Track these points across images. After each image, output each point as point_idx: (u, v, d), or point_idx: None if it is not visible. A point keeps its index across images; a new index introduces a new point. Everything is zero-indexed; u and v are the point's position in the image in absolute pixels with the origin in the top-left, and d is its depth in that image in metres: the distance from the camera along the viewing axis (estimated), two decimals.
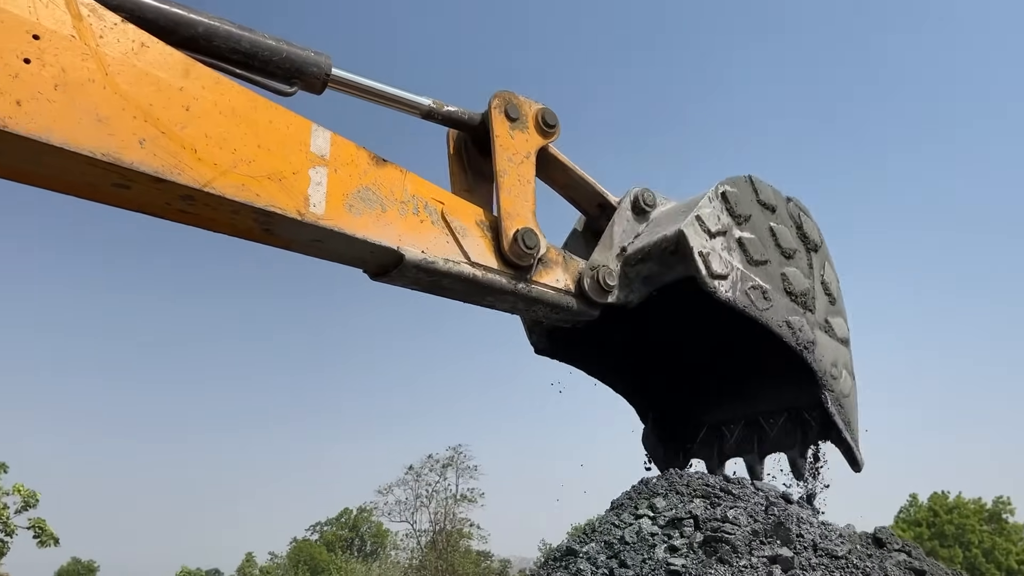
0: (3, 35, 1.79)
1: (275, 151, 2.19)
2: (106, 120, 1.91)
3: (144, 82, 1.98)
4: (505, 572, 69.32)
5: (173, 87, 2.04)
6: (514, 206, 2.57)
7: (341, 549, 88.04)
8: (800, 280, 2.86)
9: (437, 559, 56.03)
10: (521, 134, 2.63)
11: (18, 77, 1.79)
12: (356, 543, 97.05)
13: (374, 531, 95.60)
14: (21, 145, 1.82)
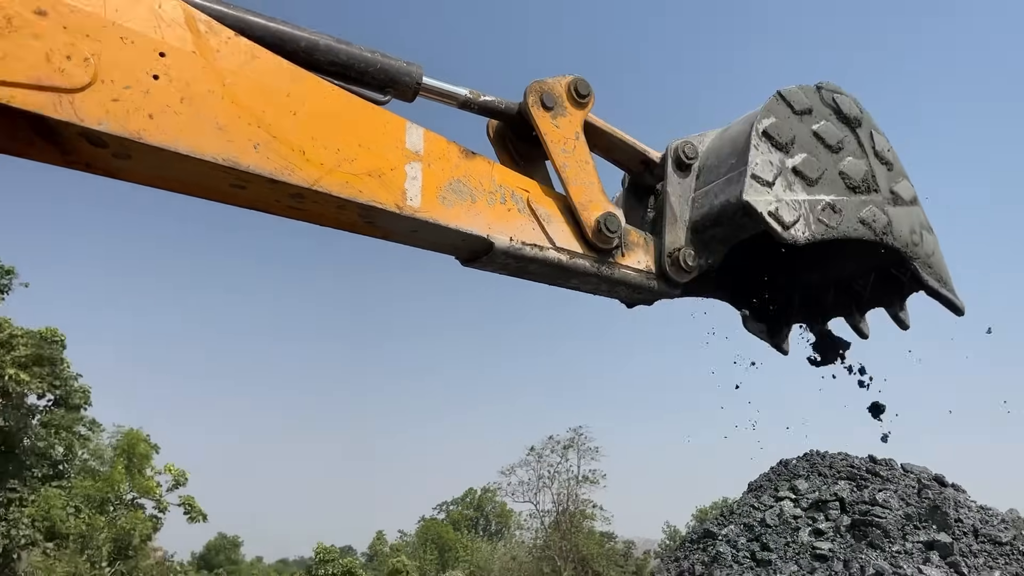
0: (136, 56, 2.04)
1: (374, 149, 2.39)
2: (225, 128, 2.14)
3: (256, 91, 2.22)
4: (629, 553, 69.06)
5: (281, 94, 2.27)
6: (585, 194, 2.68)
7: (467, 528, 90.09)
8: (857, 167, 2.83)
9: (561, 539, 56.41)
10: (564, 119, 2.71)
11: (149, 93, 2.01)
12: (481, 522, 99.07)
13: (498, 511, 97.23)
14: (153, 154, 2.05)
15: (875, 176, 2.90)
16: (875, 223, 2.81)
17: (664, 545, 66.89)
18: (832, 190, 2.75)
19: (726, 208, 2.64)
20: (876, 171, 2.91)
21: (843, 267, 3.23)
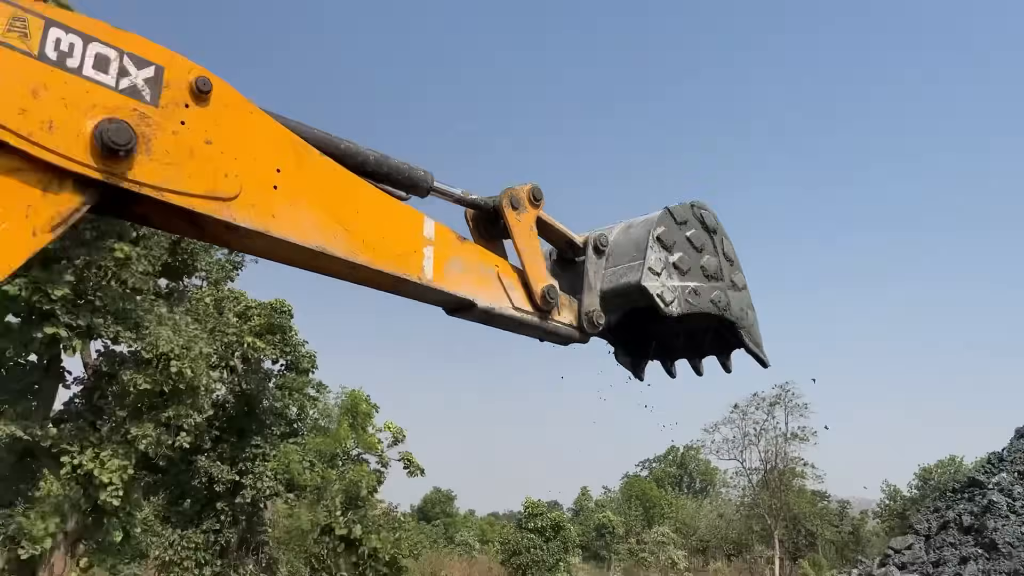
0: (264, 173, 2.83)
1: (405, 237, 3.30)
2: (317, 225, 3.01)
3: (335, 195, 3.09)
4: (844, 513, 65.84)
5: (349, 197, 3.13)
6: (535, 270, 3.71)
7: (670, 485, 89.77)
8: (712, 263, 4.03)
9: (770, 498, 54.76)
10: (524, 215, 3.74)
11: (272, 199, 2.84)
12: (685, 480, 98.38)
13: (702, 469, 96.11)
14: (271, 240, 2.86)
15: (722, 270, 4.13)
16: (720, 302, 4.03)
17: (883, 505, 63.00)
18: (695, 279, 3.95)
19: (629, 287, 3.75)
20: (723, 266, 4.12)
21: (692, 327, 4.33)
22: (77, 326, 18.02)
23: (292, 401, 26.08)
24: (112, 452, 18.64)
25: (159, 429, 19.25)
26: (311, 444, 25.91)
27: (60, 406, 20.47)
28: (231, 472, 24.00)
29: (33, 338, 17.89)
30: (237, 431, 25.05)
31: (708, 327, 4.30)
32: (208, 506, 24.43)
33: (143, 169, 2.64)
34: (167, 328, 19.23)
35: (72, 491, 18.75)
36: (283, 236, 3.00)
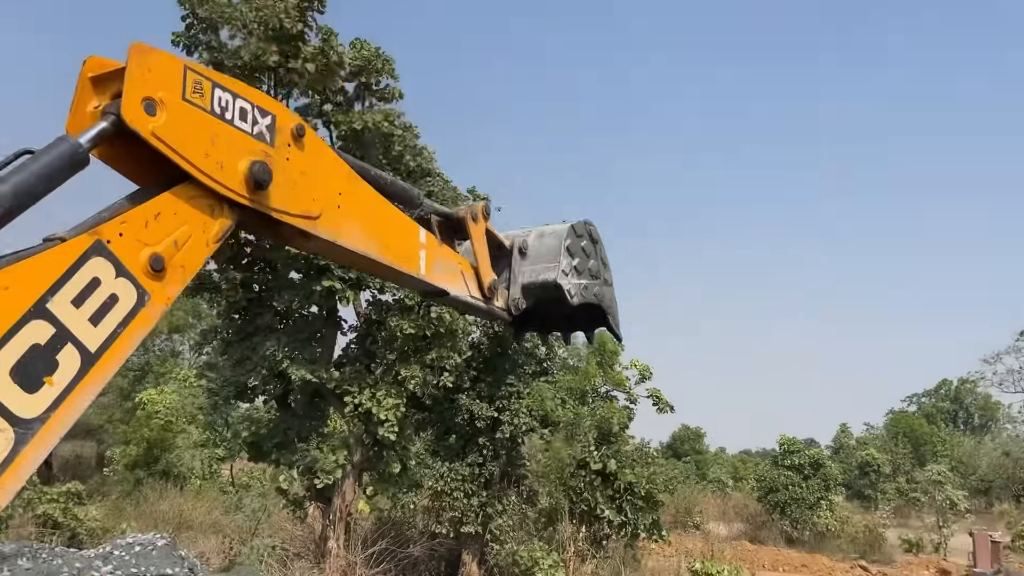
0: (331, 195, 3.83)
1: (410, 242, 4.39)
2: (368, 236, 4.06)
3: (376, 214, 4.13)
4: None
5: (384, 215, 4.19)
6: (485, 268, 4.92)
7: (943, 422, 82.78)
8: (595, 266, 5.32)
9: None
10: (479, 225, 4.95)
11: (337, 216, 3.83)
12: (960, 416, 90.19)
13: (980, 403, 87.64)
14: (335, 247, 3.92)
15: (600, 271, 5.40)
16: (599, 295, 5.28)
17: None
18: (586, 278, 5.21)
19: (547, 282, 4.97)
20: (602, 269, 5.41)
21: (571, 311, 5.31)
22: (349, 279, 19.81)
23: (541, 341, 27.02)
24: (386, 392, 20.43)
25: (424, 370, 20.75)
26: (562, 382, 26.74)
27: (340, 352, 22.73)
28: (489, 409, 25.43)
29: (313, 291, 19.93)
30: (492, 371, 26.42)
31: (584, 311, 5.49)
32: (471, 441, 26.12)
33: (270, 196, 3.72)
34: None
35: (355, 427, 20.87)
36: (343, 244, 4.18)
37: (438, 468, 25.56)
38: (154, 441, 33.58)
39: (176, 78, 3.59)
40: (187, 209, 3.61)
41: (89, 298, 3.23)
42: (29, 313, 3.06)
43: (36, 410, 2.95)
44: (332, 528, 21.43)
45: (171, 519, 27.83)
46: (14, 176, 3.13)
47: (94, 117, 3.47)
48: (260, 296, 21.82)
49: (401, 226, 4.64)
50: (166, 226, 3.55)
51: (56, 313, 3.11)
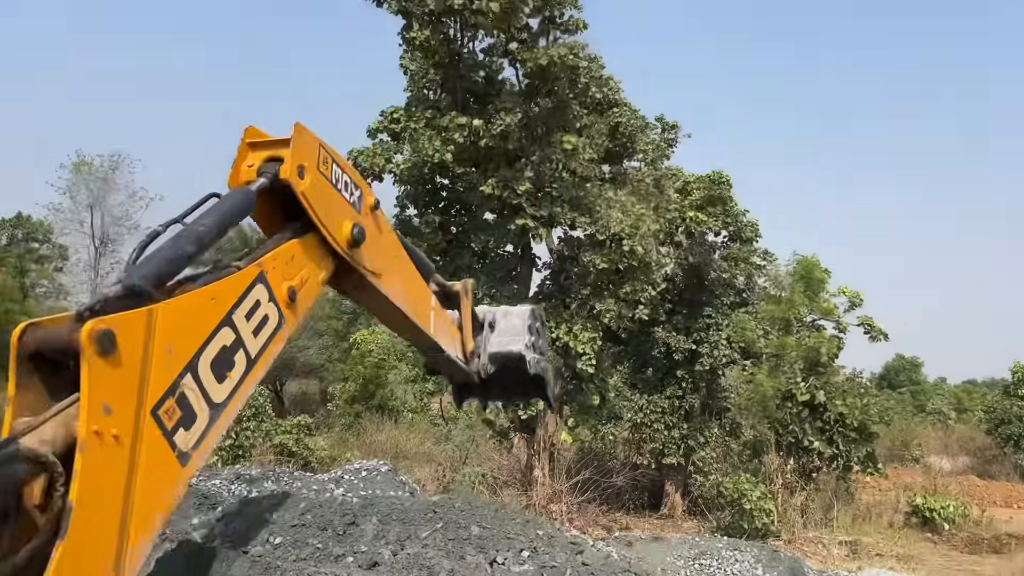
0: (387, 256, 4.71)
1: (426, 305, 5.17)
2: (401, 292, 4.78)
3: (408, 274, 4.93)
4: None
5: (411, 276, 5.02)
6: (468, 335, 5.83)
7: None
8: (542, 344, 6.20)
9: None
10: (467, 300, 5.91)
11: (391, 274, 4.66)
12: None
13: None
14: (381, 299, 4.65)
15: (544, 350, 6.30)
16: (544, 370, 6.15)
17: None
18: (538, 354, 6.12)
19: (512, 354, 5.88)
20: (545, 347, 6.35)
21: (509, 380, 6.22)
22: (540, 216, 20.01)
23: (739, 271, 26.08)
24: (582, 326, 20.63)
25: (619, 304, 20.70)
26: (763, 312, 25.77)
27: (535, 288, 23.15)
28: (687, 342, 25.05)
29: (507, 230, 20.35)
30: (688, 303, 25.92)
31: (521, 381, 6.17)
32: (669, 374, 25.93)
33: (360, 253, 4.75)
34: (616, 210, 20.35)
35: (554, 361, 21.30)
36: (390, 297, 5.00)
37: (637, 400, 25.64)
38: (369, 378, 36.12)
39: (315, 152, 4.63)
40: (308, 255, 4.67)
41: (254, 315, 4.17)
42: (223, 320, 3.97)
43: (221, 397, 3.83)
44: (537, 458, 22.18)
45: (388, 449, 29.94)
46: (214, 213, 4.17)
47: (250, 173, 4.50)
48: (458, 237, 22.56)
49: (422, 289, 5.74)
50: (297, 267, 4.60)
51: (236, 323, 4.05)
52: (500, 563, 5.44)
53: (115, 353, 3.42)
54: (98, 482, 3.34)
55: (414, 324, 5.65)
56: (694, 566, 13.06)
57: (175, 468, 3.74)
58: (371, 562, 5.10)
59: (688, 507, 25.50)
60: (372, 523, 5.60)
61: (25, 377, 3.41)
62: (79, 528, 3.26)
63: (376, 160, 21.50)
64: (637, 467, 25.84)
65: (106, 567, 3.41)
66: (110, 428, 3.35)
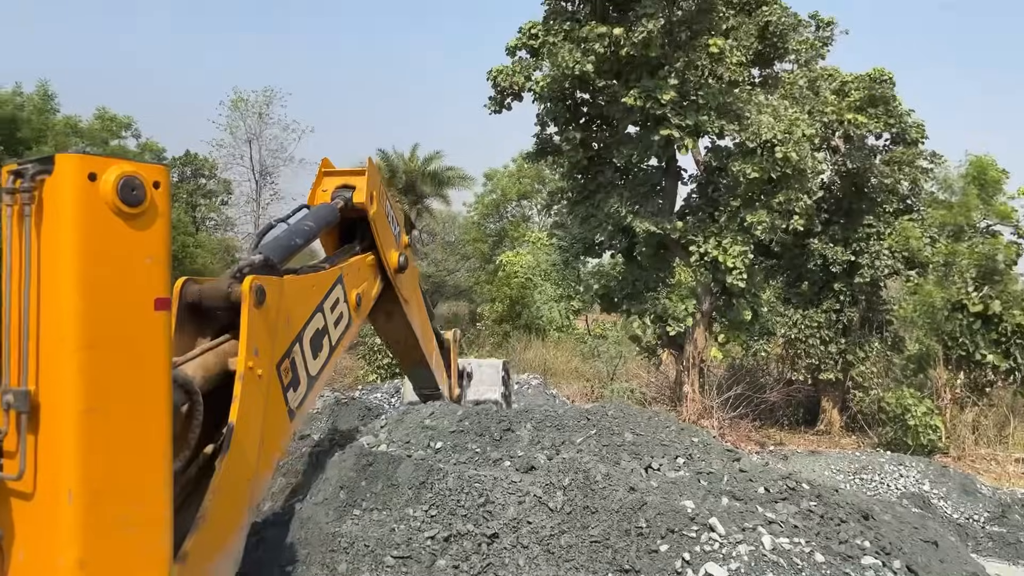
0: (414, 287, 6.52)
1: (433, 344, 7.22)
2: (421, 326, 6.67)
3: (423, 311, 6.90)
4: None
5: (425, 312, 6.89)
6: (455, 382, 7.93)
7: None
8: (509, 393, 8.28)
9: None
10: (456, 346, 8.02)
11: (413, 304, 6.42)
12: None
13: None
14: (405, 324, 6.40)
15: (511, 396, 8.78)
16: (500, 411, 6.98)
17: None
18: (507, 402, 8.20)
19: (488, 400, 7.70)
20: (511, 393, 8.91)
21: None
22: (686, 126, 19.30)
23: (903, 175, 24.26)
24: (732, 239, 19.98)
25: (771, 215, 19.86)
26: (931, 218, 23.99)
27: (681, 202, 22.56)
28: (845, 253, 23.77)
29: (651, 142, 19.78)
30: (846, 212, 24.48)
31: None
32: (825, 287, 24.79)
33: (401, 279, 5.91)
34: (767, 115, 19.32)
35: (702, 276, 20.82)
36: (413, 325, 6.26)
37: (791, 315, 24.76)
38: (516, 298, 36.77)
39: (380, 185, 5.83)
40: (368, 270, 5.65)
41: (335, 309, 5.06)
42: (318, 307, 4.84)
43: (314, 371, 4.69)
44: (686, 374, 22.00)
45: (537, 367, 30.57)
46: (312, 218, 5.23)
47: (324, 197, 5.68)
48: (599, 153, 22.20)
49: (430, 330, 7.09)
50: (362, 277, 5.58)
51: (325, 312, 4.91)
52: (655, 468, 5.44)
53: (264, 306, 4.03)
54: (250, 409, 3.88)
55: (423, 357, 6.97)
56: (855, 480, 12.65)
57: (286, 419, 4.47)
58: (528, 466, 5.23)
59: (846, 423, 24.64)
60: (527, 429, 5.72)
61: (182, 323, 4.06)
62: (237, 443, 3.71)
63: (516, 78, 21.32)
64: (791, 383, 25.11)
65: (247, 481, 3.85)
66: (257, 368, 3.97)
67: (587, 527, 4.57)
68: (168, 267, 2.69)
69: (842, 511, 5.24)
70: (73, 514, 2.41)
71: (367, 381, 24.12)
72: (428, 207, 43.22)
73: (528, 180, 46.97)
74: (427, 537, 4.44)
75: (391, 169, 39.82)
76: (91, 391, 2.45)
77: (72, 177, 2.43)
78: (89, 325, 2.44)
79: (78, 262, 2.42)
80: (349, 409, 9.09)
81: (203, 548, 3.41)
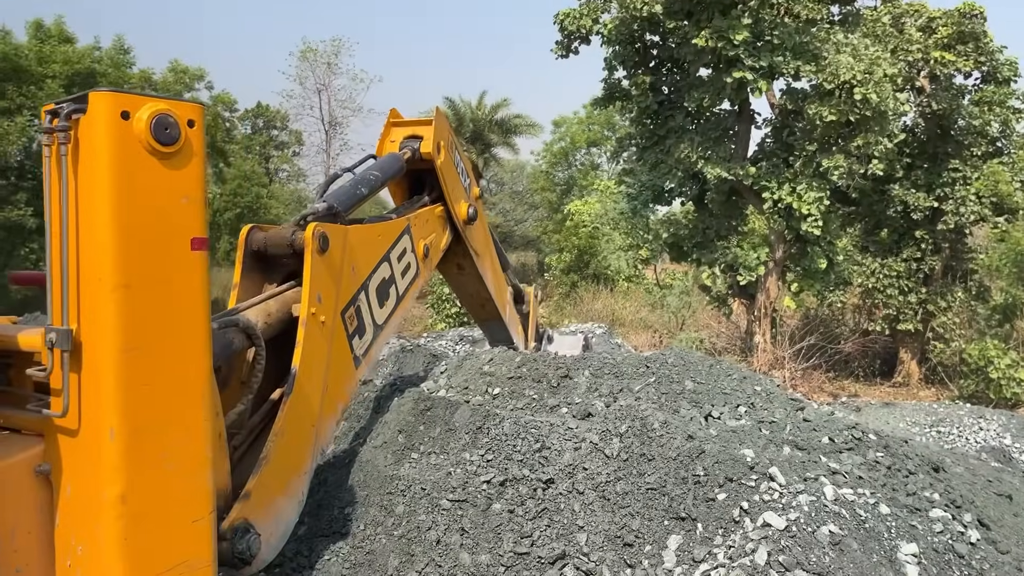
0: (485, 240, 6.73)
1: (505, 296, 7.15)
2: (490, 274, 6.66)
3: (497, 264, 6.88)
4: None
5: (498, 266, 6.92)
6: (532, 335, 7.94)
7: None
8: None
9: None
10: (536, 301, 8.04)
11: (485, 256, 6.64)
12: None
13: None
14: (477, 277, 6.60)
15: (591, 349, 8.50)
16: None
17: None
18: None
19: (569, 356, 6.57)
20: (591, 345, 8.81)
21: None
22: (759, 67, 18.60)
23: (993, 116, 22.97)
24: (807, 185, 19.32)
25: (849, 159, 19.11)
26: (1022, 162, 22.75)
27: (755, 147, 21.88)
28: (928, 199, 22.77)
29: (724, 85, 19.15)
30: (930, 156, 23.38)
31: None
32: (906, 235, 23.87)
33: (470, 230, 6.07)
34: (846, 55, 18.46)
35: (775, 224, 20.24)
36: (484, 277, 6.35)
37: (868, 264, 23.97)
38: (583, 248, 36.50)
39: (448, 135, 5.80)
40: (437, 222, 5.69)
41: (402, 259, 5.05)
42: (384, 256, 4.81)
43: (381, 320, 4.74)
44: (758, 324, 21.58)
45: (604, 316, 30.41)
46: (378, 168, 5.23)
47: (393, 147, 5.64)
48: (670, 98, 21.64)
49: (503, 281, 7.00)
50: (431, 228, 5.59)
51: (392, 262, 4.90)
52: (716, 417, 5.35)
53: (327, 253, 4.05)
54: (312, 355, 3.92)
55: (495, 308, 6.90)
56: (931, 432, 12.27)
57: (351, 366, 4.49)
58: (585, 412, 5.20)
59: (925, 375, 23.91)
60: (584, 376, 5.68)
61: (248, 269, 4.11)
62: (300, 387, 3.76)
63: (583, 21, 20.85)
64: (868, 333, 24.42)
65: (311, 425, 3.91)
66: (320, 314, 4.01)
67: (643, 474, 4.52)
68: (204, 206, 2.68)
69: (911, 462, 5.06)
70: (115, 450, 2.47)
71: (435, 329, 24.45)
72: (496, 156, 43.03)
73: (598, 127, 46.26)
74: (483, 481, 4.47)
75: (458, 118, 39.67)
76: (129, 330, 2.48)
77: (105, 115, 2.40)
78: (125, 265, 2.45)
79: (112, 201, 2.41)
80: (414, 356, 9.19)
81: (265, 489, 3.50)
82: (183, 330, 2.65)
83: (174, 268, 2.59)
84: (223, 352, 3.49)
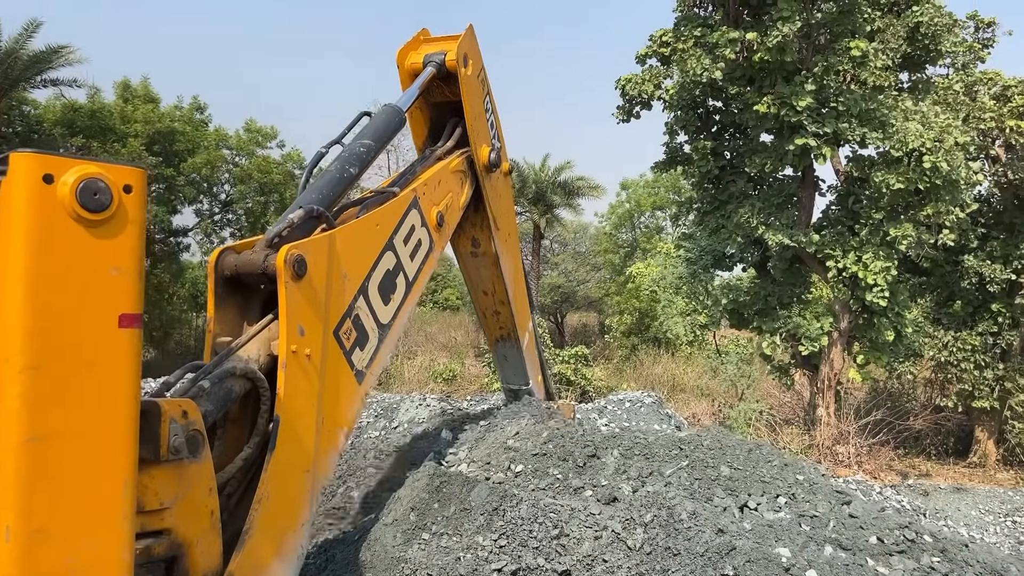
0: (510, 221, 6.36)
1: (528, 317, 6.81)
2: (510, 272, 6.16)
3: (520, 267, 6.65)
4: None
5: (521, 271, 6.60)
6: (542, 388, 7.59)
7: None
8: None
9: None
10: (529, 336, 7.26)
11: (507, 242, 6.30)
12: None
13: None
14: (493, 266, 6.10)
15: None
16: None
17: None
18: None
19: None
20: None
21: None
22: (824, 134, 18.21)
23: None
24: (873, 254, 18.67)
25: (918, 228, 18.44)
26: None
27: (819, 214, 21.32)
28: (1006, 271, 21.77)
29: (786, 151, 18.78)
30: (1007, 226, 22.43)
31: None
32: (981, 308, 22.81)
33: (492, 182, 5.53)
34: (915, 122, 17.95)
35: (840, 293, 19.56)
36: (502, 262, 5.70)
37: (940, 337, 22.93)
38: (644, 311, 36.03)
39: (479, 61, 5.33)
40: (452, 179, 5.09)
41: (410, 239, 4.45)
42: (386, 246, 4.24)
43: (387, 318, 4.22)
44: (821, 396, 20.73)
45: (664, 381, 29.76)
46: (370, 133, 4.51)
47: (417, 60, 5.14)
48: (731, 163, 21.33)
49: (526, 304, 6.52)
50: (444, 191, 4.97)
51: (396, 248, 4.34)
52: (752, 508, 4.97)
53: (306, 276, 3.56)
54: (298, 397, 3.53)
55: (511, 319, 6.33)
56: (1005, 523, 11.41)
57: (353, 386, 3.98)
58: (610, 497, 4.89)
59: (1003, 456, 22.53)
60: (613, 456, 5.38)
61: (222, 298, 3.63)
62: (285, 438, 3.44)
63: (645, 86, 20.84)
64: (940, 410, 23.22)
65: (304, 472, 3.60)
66: (304, 348, 3.56)
67: (667, 571, 4.18)
68: (140, 279, 2.39)
69: (971, 570, 4.59)
70: (9, 554, 2.14)
71: (491, 389, 24.17)
72: (558, 216, 43.06)
73: (664, 190, 46.03)
74: (494, 569, 4.19)
75: (522, 179, 39.96)
76: (36, 418, 2.18)
77: (26, 178, 2.17)
78: (36, 344, 2.17)
79: (26, 273, 2.16)
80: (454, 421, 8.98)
81: (251, 562, 3.21)
82: (103, 418, 2.33)
83: (97, 348, 2.30)
84: (222, 404, 3.25)
